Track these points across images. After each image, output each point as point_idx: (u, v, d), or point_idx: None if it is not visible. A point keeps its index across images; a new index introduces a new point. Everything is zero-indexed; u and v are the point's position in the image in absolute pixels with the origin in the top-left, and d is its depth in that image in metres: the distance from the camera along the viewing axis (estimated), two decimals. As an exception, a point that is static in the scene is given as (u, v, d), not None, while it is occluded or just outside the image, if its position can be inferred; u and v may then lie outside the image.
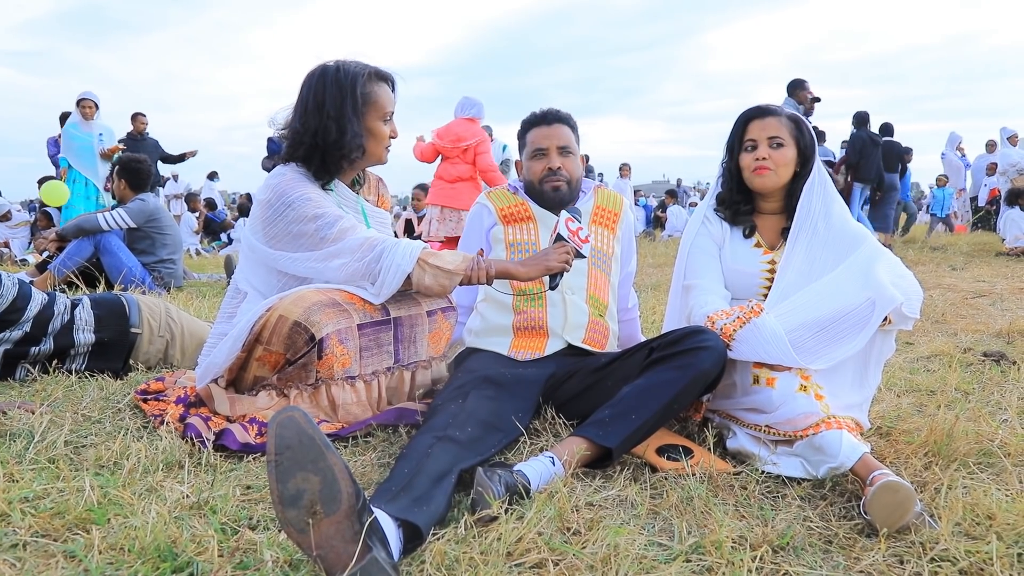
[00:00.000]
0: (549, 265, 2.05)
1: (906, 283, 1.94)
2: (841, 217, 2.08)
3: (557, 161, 2.33)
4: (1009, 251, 8.31)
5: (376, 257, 1.97)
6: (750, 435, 1.88)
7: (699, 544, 1.40)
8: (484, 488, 1.47)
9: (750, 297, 2.14)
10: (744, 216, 2.21)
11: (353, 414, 2.01)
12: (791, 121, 2.13)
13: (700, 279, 2.17)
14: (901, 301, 1.87)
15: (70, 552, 1.30)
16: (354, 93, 2.07)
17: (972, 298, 4.93)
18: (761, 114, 2.15)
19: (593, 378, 2.06)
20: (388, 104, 2.17)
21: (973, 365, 2.94)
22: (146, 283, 4.78)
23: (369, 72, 2.13)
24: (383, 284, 1.98)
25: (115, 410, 2.19)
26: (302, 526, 1.19)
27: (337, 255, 2.00)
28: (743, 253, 2.18)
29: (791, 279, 2.02)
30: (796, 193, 2.13)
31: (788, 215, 2.17)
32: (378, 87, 2.14)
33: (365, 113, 2.11)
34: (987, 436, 1.96)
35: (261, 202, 2.09)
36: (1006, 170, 11.58)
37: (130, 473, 1.66)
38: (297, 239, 2.03)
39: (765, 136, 2.11)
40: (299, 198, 2.03)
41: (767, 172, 2.11)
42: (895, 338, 2.05)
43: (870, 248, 2.01)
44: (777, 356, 1.84)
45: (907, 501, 1.44)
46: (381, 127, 2.15)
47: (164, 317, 2.79)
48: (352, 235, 2.00)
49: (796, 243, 2.05)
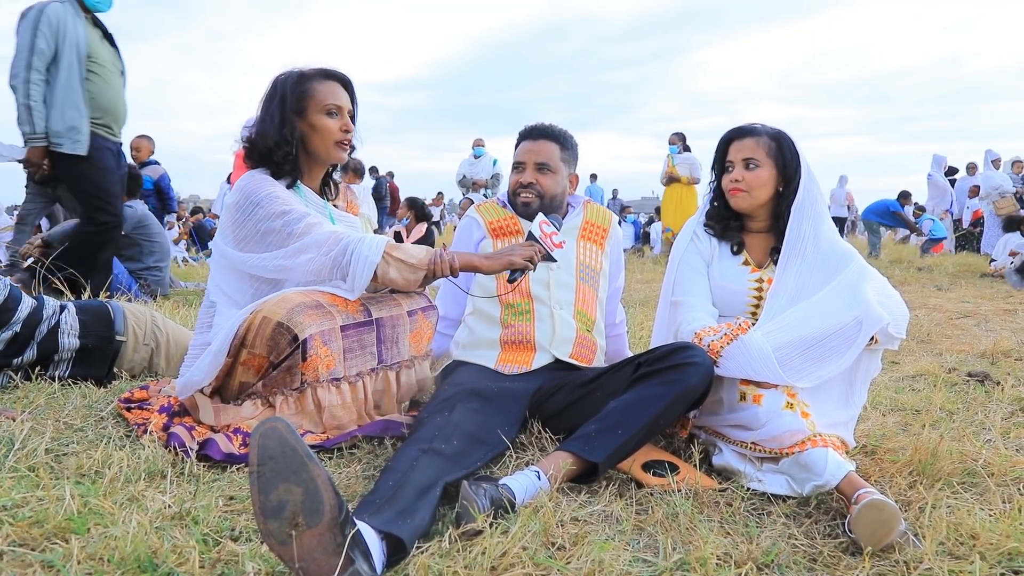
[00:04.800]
0: (512, 260, 2.04)
1: (892, 303, 1.95)
2: (829, 238, 2.08)
3: (530, 176, 2.35)
4: (994, 272, 8.39)
5: (342, 250, 1.97)
6: (736, 452, 1.88)
7: (684, 560, 1.40)
8: (469, 502, 1.46)
9: (737, 314, 2.15)
10: (733, 232, 2.22)
11: (339, 417, 2.00)
12: (772, 140, 2.14)
13: (688, 296, 2.18)
14: (888, 321, 1.87)
15: (48, 562, 1.28)
16: (284, 92, 2.15)
17: (957, 318, 4.97)
18: (740, 135, 2.17)
19: (580, 393, 2.06)
20: (329, 96, 2.18)
21: (958, 385, 2.96)
22: (132, 290, 4.75)
23: (307, 71, 2.19)
24: (354, 277, 1.97)
25: (98, 418, 2.17)
26: (284, 538, 1.18)
27: (304, 250, 2.00)
28: (731, 271, 2.19)
29: (782, 304, 2.01)
30: (782, 211, 2.14)
31: (775, 234, 2.18)
32: (319, 83, 2.18)
33: (303, 109, 2.16)
34: (971, 456, 1.97)
35: (230, 205, 2.11)
36: (988, 193, 11.71)
37: (111, 482, 1.64)
38: (265, 236, 2.05)
39: (740, 158, 2.14)
40: (266, 196, 2.06)
41: (740, 194, 2.14)
42: (881, 357, 2.06)
43: (857, 267, 2.02)
44: (764, 373, 1.84)
45: (892, 520, 1.45)
46: (324, 121, 2.17)
47: (150, 325, 2.77)
48: (319, 229, 2.02)
49: (786, 269, 2.05)
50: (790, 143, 2.14)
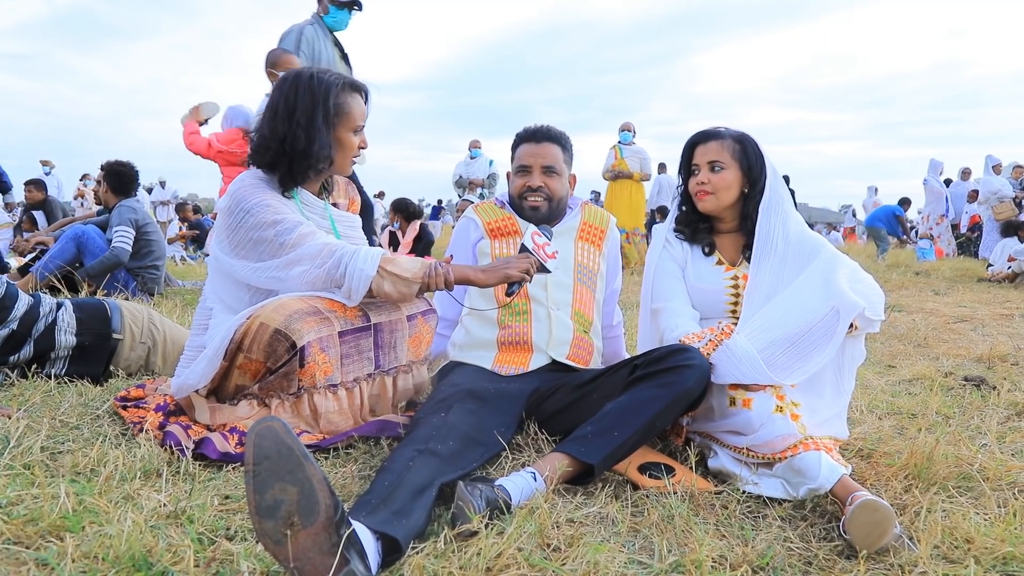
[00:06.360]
0: (508, 273, 2.03)
1: (865, 287, 1.97)
2: (798, 231, 2.11)
3: (538, 180, 2.34)
4: (991, 277, 8.40)
5: (336, 263, 1.95)
6: (731, 455, 1.88)
7: (679, 563, 1.40)
8: (465, 502, 1.46)
9: (717, 314, 2.17)
10: (703, 235, 2.25)
11: (335, 423, 2.00)
12: (736, 142, 2.17)
13: (667, 301, 2.20)
14: (863, 306, 1.89)
15: (42, 560, 1.28)
16: (327, 103, 2.07)
17: (954, 323, 4.98)
18: (704, 139, 2.20)
19: (576, 394, 2.06)
20: (360, 117, 2.16)
21: (954, 389, 2.96)
22: (129, 288, 4.74)
23: (343, 83, 2.13)
24: (351, 290, 1.96)
25: (94, 416, 2.16)
26: (279, 537, 1.18)
27: (297, 262, 1.98)
28: (706, 272, 2.21)
29: (759, 303, 2.03)
30: (749, 212, 2.17)
31: (744, 232, 2.21)
32: (351, 98, 2.14)
33: (336, 124, 2.10)
34: (967, 460, 1.97)
35: (222, 210, 2.08)
36: (987, 198, 11.74)
37: (107, 481, 1.64)
38: (258, 246, 2.02)
39: (705, 160, 2.17)
40: (256, 204, 2.01)
41: (707, 197, 2.17)
42: (863, 342, 2.07)
43: (827, 256, 2.04)
44: (752, 376, 1.85)
45: (886, 521, 1.45)
46: (351, 138, 2.15)
47: (146, 323, 2.76)
48: (311, 240, 1.99)
49: (760, 267, 2.08)
50: (754, 145, 2.17)
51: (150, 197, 15.52)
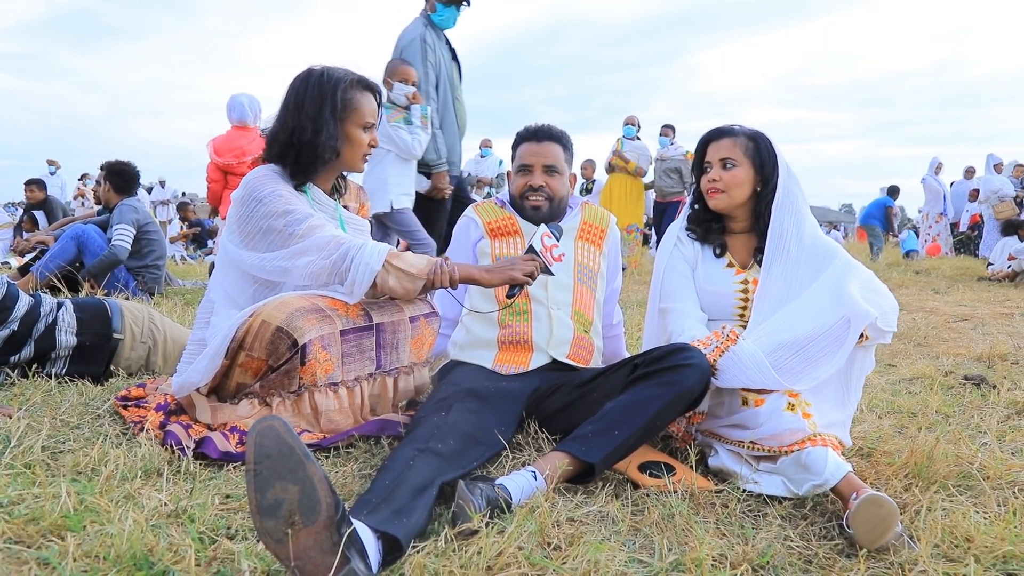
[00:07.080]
0: (513, 275, 2.03)
1: (879, 297, 1.95)
2: (812, 235, 2.08)
3: (540, 179, 2.34)
4: (991, 276, 8.40)
5: (342, 256, 1.96)
6: (732, 453, 1.88)
7: (679, 561, 1.40)
8: (465, 501, 1.47)
9: (725, 317, 2.16)
10: (715, 235, 2.23)
11: (335, 422, 2.00)
12: (749, 140, 2.15)
13: (676, 302, 2.18)
14: (875, 316, 1.87)
15: (43, 559, 1.28)
16: (334, 96, 2.10)
17: (954, 322, 4.98)
18: (717, 136, 2.18)
19: (577, 393, 2.06)
20: (369, 114, 2.18)
21: (954, 388, 2.97)
22: (130, 288, 4.74)
23: (353, 79, 2.15)
24: (354, 283, 1.97)
25: (94, 416, 2.17)
26: (280, 536, 1.18)
27: (304, 252, 1.99)
28: (716, 274, 2.19)
29: (769, 306, 2.01)
30: (761, 211, 2.14)
31: (757, 234, 2.18)
32: (361, 95, 2.16)
33: (344, 118, 2.13)
34: (967, 459, 1.97)
35: (236, 200, 2.10)
36: (988, 197, 11.73)
37: (108, 480, 1.64)
38: (268, 235, 2.04)
39: (717, 158, 2.15)
40: (270, 194, 2.04)
41: (719, 195, 2.15)
42: (874, 353, 2.06)
43: (842, 264, 2.01)
44: (760, 380, 1.84)
45: (890, 516, 1.45)
46: (359, 134, 2.17)
47: (147, 323, 2.76)
48: (320, 232, 2.01)
49: (771, 270, 2.05)
50: (767, 143, 2.15)
51: (150, 197, 15.50)
